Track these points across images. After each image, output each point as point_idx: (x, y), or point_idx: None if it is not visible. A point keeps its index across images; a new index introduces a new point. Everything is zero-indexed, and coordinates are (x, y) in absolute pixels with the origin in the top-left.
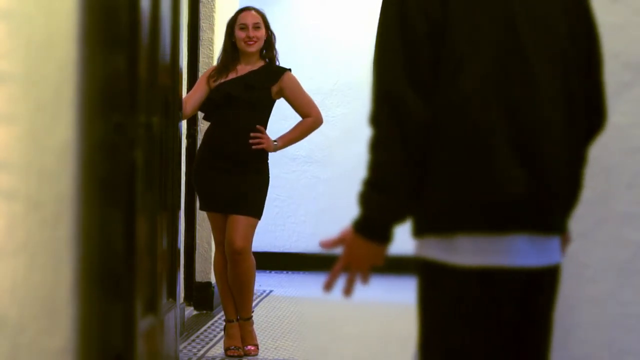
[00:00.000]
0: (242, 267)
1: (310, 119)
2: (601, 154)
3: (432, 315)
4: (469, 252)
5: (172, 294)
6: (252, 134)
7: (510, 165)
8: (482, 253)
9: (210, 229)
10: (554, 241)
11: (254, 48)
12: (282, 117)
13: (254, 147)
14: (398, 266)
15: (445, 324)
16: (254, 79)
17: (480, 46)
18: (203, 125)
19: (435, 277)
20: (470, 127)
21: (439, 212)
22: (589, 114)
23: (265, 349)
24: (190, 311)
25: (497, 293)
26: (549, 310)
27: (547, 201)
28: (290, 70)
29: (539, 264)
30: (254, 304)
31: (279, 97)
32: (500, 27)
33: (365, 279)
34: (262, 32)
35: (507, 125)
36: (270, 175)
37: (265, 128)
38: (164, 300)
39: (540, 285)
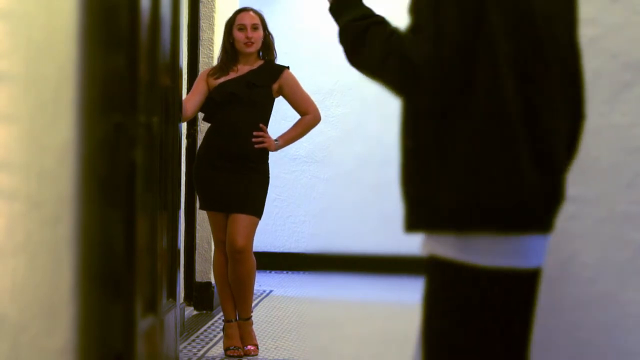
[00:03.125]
0: (243, 266)
1: (309, 116)
2: (601, 154)
3: (442, 315)
4: (487, 252)
5: (172, 294)
6: (254, 133)
7: (530, 169)
8: (500, 254)
9: (210, 228)
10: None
11: (252, 49)
12: (282, 118)
13: (256, 146)
14: (398, 266)
15: (456, 324)
16: (255, 77)
17: (515, 53)
18: (203, 126)
19: (449, 277)
20: (495, 132)
21: (459, 210)
22: (573, 118)
23: (265, 349)
24: (190, 311)
25: (509, 294)
26: (534, 308)
27: (554, 202)
28: (288, 67)
29: (540, 264)
30: (254, 304)
31: (278, 96)
32: (527, 29)
33: None
34: (260, 34)
35: (528, 132)
36: (270, 175)
37: (267, 127)
38: (164, 300)
39: (535, 284)
